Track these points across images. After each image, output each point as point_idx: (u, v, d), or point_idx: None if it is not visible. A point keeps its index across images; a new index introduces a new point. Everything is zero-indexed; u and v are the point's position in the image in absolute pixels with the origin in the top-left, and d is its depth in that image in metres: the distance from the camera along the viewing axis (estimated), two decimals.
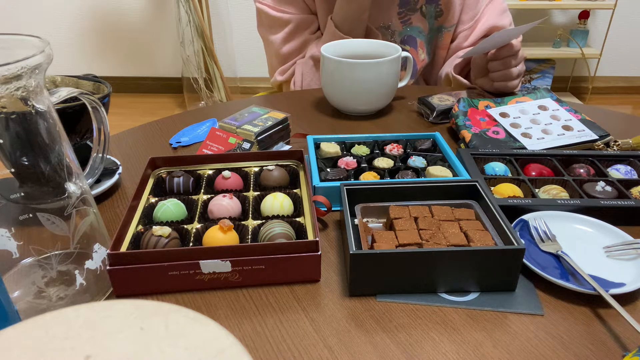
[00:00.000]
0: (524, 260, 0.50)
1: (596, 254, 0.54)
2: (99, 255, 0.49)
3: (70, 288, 0.47)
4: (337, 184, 0.62)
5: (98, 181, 0.66)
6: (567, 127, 0.79)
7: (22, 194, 0.45)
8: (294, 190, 0.61)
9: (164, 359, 0.26)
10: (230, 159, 0.66)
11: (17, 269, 0.48)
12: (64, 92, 0.47)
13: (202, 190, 0.61)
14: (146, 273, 0.48)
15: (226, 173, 0.62)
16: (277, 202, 0.57)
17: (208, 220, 0.56)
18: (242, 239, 0.54)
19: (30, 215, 0.45)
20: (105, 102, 0.65)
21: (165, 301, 0.40)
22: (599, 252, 0.54)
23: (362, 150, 0.73)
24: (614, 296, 0.46)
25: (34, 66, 0.39)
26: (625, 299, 0.48)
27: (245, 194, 0.60)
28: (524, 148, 0.75)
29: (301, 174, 0.65)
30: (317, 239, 0.50)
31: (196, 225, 0.55)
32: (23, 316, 0.41)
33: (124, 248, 0.51)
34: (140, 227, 0.54)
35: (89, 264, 0.48)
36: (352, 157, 0.70)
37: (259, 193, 0.60)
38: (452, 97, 0.91)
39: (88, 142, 0.65)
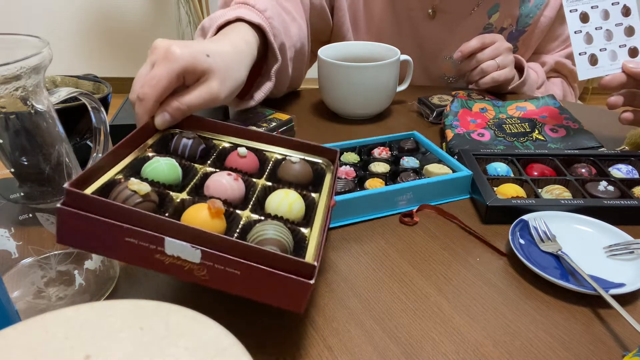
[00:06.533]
0: (524, 260, 0.50)
1: (596, 254, 0.54)
2: (98, 255, 0.49)
3: (69, 288, 0.47)
4: (349, 196, 0.59)
5: None
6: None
7: (22, 194, 0.45)
8: (312, 194, 0.50)
9: (163, 359, 0.26)
10: (253, 137, 0.56)
11: (16, 269, 0.48)
12: (64, 92, 0.47)
13: (210, 162, 0.52)
14: (99, 228, 0.38)
15: (242, 150, 0.52)
16: (286, 201, 0.47)
17: (200, 196, 0.47)
18: (229, 230, 0.44)
19: (30, 215, 0.45)
20: (106, 102, 0.65)
21: (164, 301, 0.40)
22: (599, 252, 0.54)
23: (352, 157, 0.71)
24: (614, 296, 0.46)
25: (33, 66, 0.39)
26: (625, 299, 0.48)
27: (255, 179, 0.50)
28: (512, 151, 0.73)
29: (327, 177, 0.54)
30: (316, 263, 0.38)
31: (183, 196, 0.45)
32: (23, 316, 0.41)
33: (88, 191, 0.41)
34: (120, 176, 0.45)
35: (88, 264, 0.48)
36: (348, 166, 0.67)
37: (270, 184, 0.50)
38: (452, 97, 0.91)
39: (88, 142, 0.65)
